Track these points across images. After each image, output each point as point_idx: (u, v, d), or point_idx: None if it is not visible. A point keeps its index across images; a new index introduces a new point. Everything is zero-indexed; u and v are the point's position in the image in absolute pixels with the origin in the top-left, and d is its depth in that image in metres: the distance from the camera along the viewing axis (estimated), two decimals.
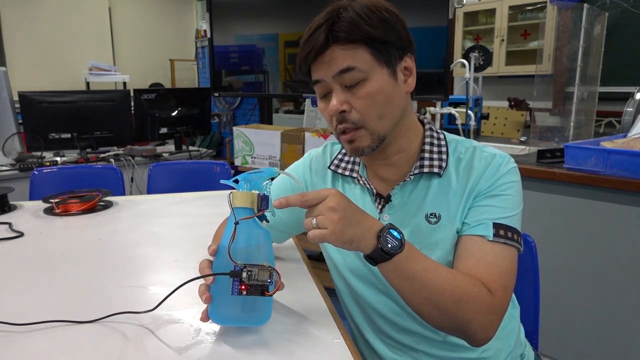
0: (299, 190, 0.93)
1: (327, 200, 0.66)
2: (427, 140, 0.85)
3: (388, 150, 0.83)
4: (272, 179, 0.83)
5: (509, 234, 0.77)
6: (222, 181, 0.74)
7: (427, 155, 0.83)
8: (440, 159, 0.82)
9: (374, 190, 0.86)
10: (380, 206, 0.85)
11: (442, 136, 0.86)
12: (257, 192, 0.71)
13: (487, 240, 0.76)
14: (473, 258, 0.76)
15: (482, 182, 0.80)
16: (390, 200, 0.84)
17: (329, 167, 0.93)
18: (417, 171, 0.82)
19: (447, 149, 0.84)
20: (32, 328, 0.76)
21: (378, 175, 0.87)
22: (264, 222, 0.72)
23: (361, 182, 0.87)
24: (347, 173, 0.90)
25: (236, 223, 0.69)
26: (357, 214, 0.68)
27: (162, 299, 0.79)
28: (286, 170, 0.99)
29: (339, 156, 0.93)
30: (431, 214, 0.81)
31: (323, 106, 0.81)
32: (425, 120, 0.88)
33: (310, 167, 0.97)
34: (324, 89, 0.79)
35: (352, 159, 0.91)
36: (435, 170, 0.81)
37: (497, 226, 0.76)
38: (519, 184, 0.81)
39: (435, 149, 0.84)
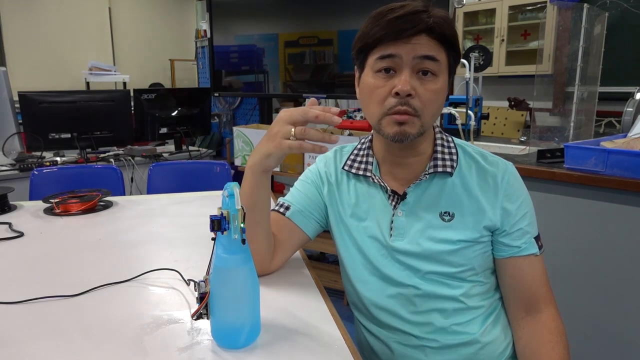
0: (320, 189, 0.97)
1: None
2: (439, 142, 0.90)
3: (408, 153, 0.87)
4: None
5: (540, 242, 0.88)
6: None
7: (439, 155, 0.88)
8: (451, 160, 0.87)
9: (388, 188, 0.88)
10: (394, 203, 0.88)
11: (450, 139, 0.91)
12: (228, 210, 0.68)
13: (536, 256, 0.87)
14: (529, 276, 0.86)
15: (508, 200, 0.86)
16: (405, 198, 0.87)
17: (342, 168, 0.96)
18: (431, 170, 0.86)
19: (457, 151, 0.89)
20: (31, 329, 0.77)
21: (391, 174, 0.90)
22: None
23: (375, 180, 0.90)
24: (360, 172, 0.92)
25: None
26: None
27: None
28: (302, 175, 1.02)
29: (351, 157, 0.96)
30: (445, 212, 0.86)
31: (381, 83, 0.80)
32: (434, 124, 0.92)
33: (325, 170, 0.99)
34: (389, 64, 0.79)
35: (364, 159, 0.94)
36: (448, 170, 0.86)
37: (536, 239, 0.88)
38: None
39: (446, 150, 0.89)
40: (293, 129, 0.74)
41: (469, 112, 2.34)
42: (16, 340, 0.73)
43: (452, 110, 2.34)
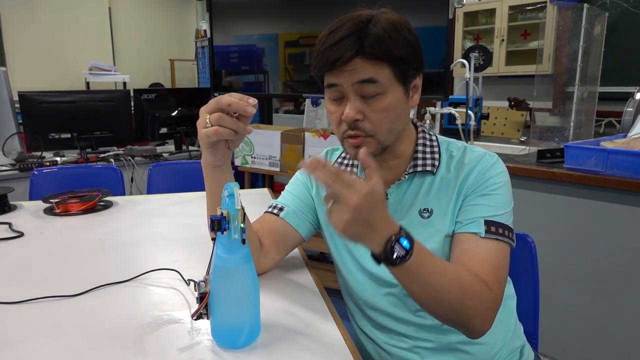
0: (309, 191, 0.99)
1: (350, 195, 0.61)
2: (420, 142, 0.90)
3: (387, 156, 0.87)
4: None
5: (500, 230, 0.80)
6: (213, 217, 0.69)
7: (420, 155, 0.88)
8: (432, 158, 0.88)
9: None
10: None
11: (434, 137, 0.91)
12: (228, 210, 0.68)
13: (480, 237, 0.79)
14: (467, 254, 0.79)
15: (471, 179, 0.84)
16: (387, 199, 0.88)
17: None
18: (411, 170, 0.87)
19: (440, 149, 0.89)
20: (31, 329, 0.77)
21: None
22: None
23: None
24: None
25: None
26: (372, 218, 0.64)
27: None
28: (292, 178, 1.03)
29: (339, 160, 0.98)
30: (424, 209, 0.86)
31: (333, 109, 0.81)
32: (418, 123, 0.93)
33: None
34: (336, 93, 0.80)
35: (350, 162, 0.96)
36: (428, 168, 0.86)
37: (488, 223, 0.80)
38: (508, 183, 0.86)
39: (428, 149, 0.89)
40: (208, 117, 0.75)
41: (469, 112, 2.34)
42: (16, 340, 0.73)
43: (452, 110, 2.34)
